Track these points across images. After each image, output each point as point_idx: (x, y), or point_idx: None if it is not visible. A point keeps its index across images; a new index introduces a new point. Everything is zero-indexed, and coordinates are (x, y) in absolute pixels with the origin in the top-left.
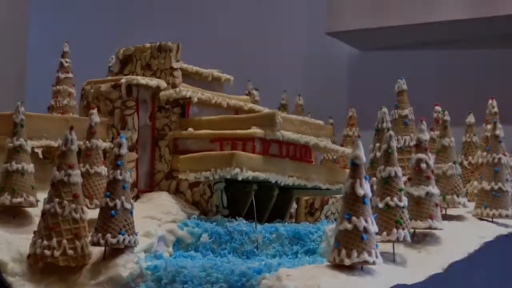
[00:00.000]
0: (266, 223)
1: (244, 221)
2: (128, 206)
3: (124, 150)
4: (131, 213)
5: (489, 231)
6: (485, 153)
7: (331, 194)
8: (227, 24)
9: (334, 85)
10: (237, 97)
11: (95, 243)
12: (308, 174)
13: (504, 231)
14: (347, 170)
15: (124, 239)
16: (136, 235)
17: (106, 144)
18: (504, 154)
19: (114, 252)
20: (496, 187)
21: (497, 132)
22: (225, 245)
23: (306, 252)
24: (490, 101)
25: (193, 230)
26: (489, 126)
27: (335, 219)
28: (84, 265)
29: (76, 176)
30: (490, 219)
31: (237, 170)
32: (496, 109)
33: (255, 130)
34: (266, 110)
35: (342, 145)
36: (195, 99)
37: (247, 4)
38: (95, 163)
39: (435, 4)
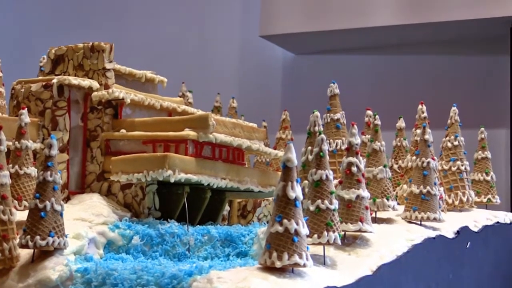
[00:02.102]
0: (198, 226)
1: (176, 224)
2: (58, 207)
3: (54, 151)
4: (61, 215)
5: (417, 234)
6: (414, 157)
7: (263, 197)
8: (161, 26)
9: (267, 88)
10: (170, 99)
11: (24, 245)
12: (241, 176)
13: (432, 234)
14: (280, 173)
15: (53, 241)
16: (66, 237)
17: (36, 145)
18: (433, 158)
19: (43, 254)
20: (424, 190)
21: (426, 136)
22: (157, 247)
23: (238, 254)
24: (419, 106)
25: (124, 232)
26: (418, 131)
27: (268, 222)
28: (12, 267)
29: (4, 177)
30: (419, 222)
31: (170, 172)
32: (425, 114)
33: (188, 132)
34: (199, 112)
35: (275, 148)
36: (128, 100)
37: (182, 5)
38: (24, 164)
39: (368, 10)
